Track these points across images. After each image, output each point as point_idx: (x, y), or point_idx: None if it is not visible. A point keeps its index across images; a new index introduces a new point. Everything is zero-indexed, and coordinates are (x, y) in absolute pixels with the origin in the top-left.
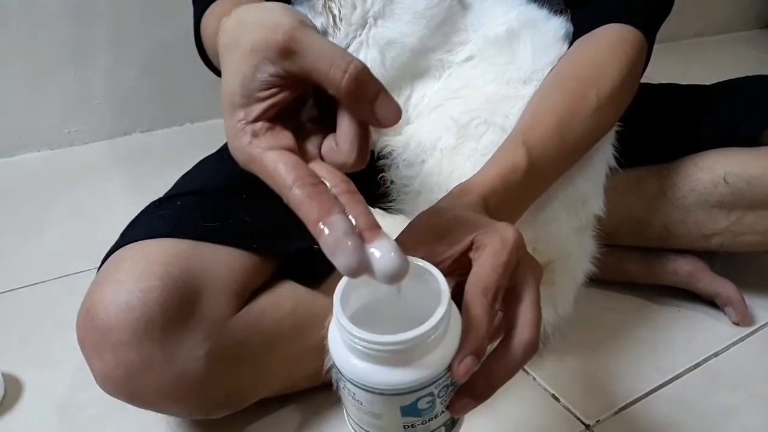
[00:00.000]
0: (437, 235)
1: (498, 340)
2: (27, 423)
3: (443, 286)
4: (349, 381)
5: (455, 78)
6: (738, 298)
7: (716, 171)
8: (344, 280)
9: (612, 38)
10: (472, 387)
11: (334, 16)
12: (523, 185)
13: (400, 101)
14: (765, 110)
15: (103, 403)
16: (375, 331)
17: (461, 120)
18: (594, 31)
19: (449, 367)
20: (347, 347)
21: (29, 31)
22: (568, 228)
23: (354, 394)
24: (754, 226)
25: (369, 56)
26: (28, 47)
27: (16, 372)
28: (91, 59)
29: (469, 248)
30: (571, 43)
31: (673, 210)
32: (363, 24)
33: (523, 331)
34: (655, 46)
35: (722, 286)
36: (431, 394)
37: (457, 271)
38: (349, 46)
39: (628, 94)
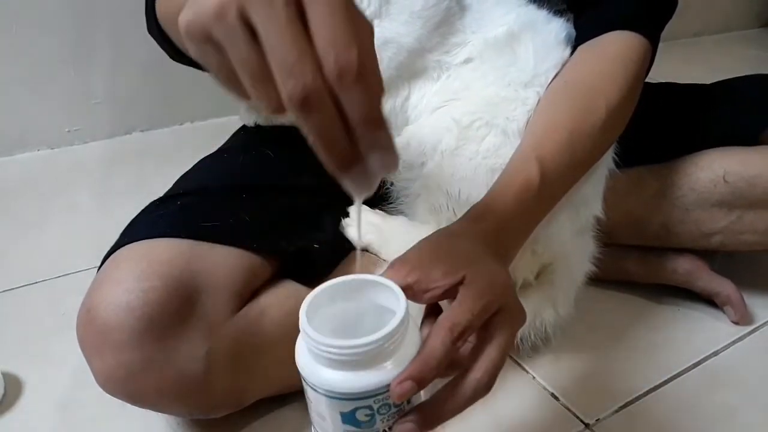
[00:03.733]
0: (437, 262)
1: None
2: (27, 422)
3: (400, 311)
4: (301, 377)
5: (455, 79)
6: (737, 298)
7: (716, 170)
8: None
9: (618, 47)
10: (417, 414)
11: None
12: (535, 203)
13: (398, 102)
14: (764, 109)
15: (103, 402)
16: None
17: (463, 121)
18: (599, 38)
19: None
20: (304, 343)
21: (30, 31)
22: (568, 230)
23: (306, 391)
24: (754, 225)
25: None
26: (28, 47)
27: (15, 371)
28: (91, 59)
29: (461, 282)
30: (574, 48)
31: (672, 209)
32: None
33: (478, 370)
34: None
35: (721, 285)
36: (370, 407)
37: (448, 300)
38: None
39: (632, 105)
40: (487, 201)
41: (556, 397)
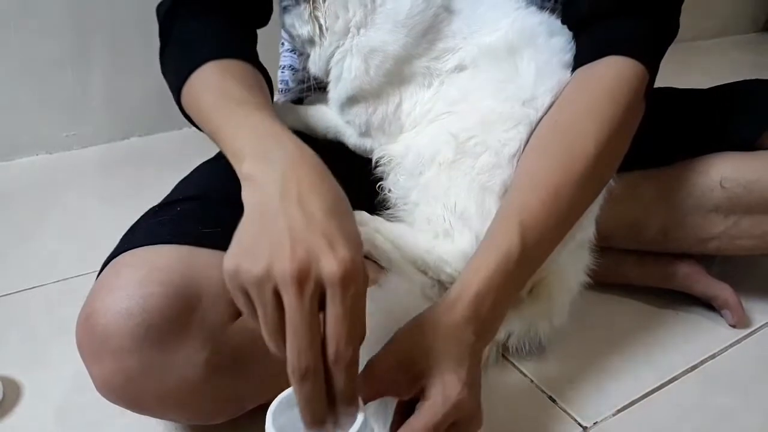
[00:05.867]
0: (404, 367)
1: None
2: (25, 426)
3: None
4: None
5: (449, 87)
6: (735, 301)
7: (713, 176)
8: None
9: (611, 79)
10: None
11: (320, 26)
12: (516, 272)
13: (390, 109)
14: (761, 113)
15: (101, 406)
16: None
17: (460, 137)
18: (594, 65)
19: None
20: None
21: (28, 35)
22: (564, 250)
23: None
24: (751, 230)
25: (353, 65)
26: (27, 51)
27: (14, 375)
28: (89, 63)
29: (422, 391)
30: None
31: (670, 214)
32: (346, 33)
33: None
34: None
35: (719, 289)
36: None
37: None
38: (333, 55)
39: (625, 141)
40: (465, 278)
41: (554, 401)
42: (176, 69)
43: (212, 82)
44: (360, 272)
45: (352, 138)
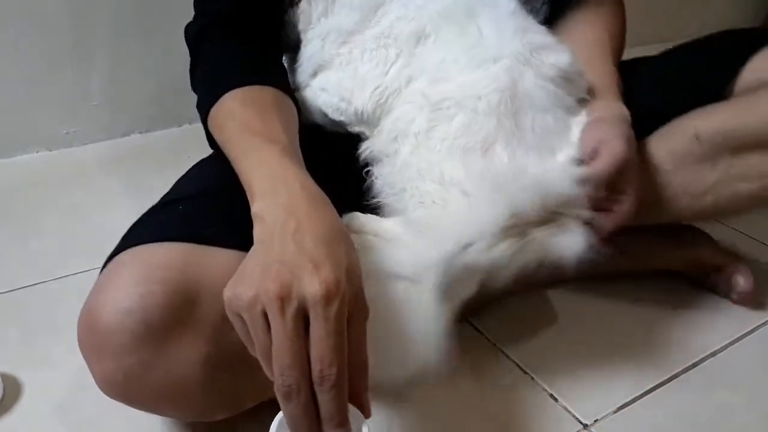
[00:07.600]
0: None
1: None
2: (26, 423)
3: None
4: None
5: (422, 66)
6: (746, 269)
7: (687, 129)
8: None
9: (614, 16)
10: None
11: None
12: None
13: (347, 73)
14: (725, 65)
15: (101, 403)
16: None
17: (432, 98)
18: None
19: None
20: None
21: (28, 32)
22: None
23: None
24: (746, 171)
25: (311, 47)
26: (26, 48)
27: (15, 372)
28: (89, 60)
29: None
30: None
31: (656, 176)
32: (308, 23)
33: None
34: (651, 46)
35: (729, 257)
36: None
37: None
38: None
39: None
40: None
41: (554, 398)
42: (203, 94)
43: (233, 112)
44: (343, 292)
45: (327, 108)
